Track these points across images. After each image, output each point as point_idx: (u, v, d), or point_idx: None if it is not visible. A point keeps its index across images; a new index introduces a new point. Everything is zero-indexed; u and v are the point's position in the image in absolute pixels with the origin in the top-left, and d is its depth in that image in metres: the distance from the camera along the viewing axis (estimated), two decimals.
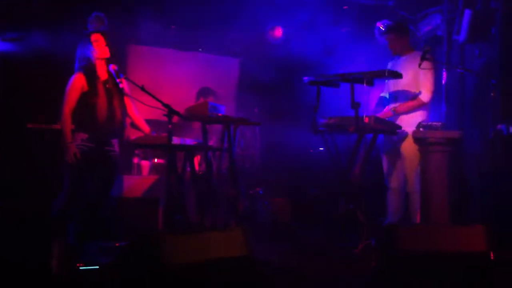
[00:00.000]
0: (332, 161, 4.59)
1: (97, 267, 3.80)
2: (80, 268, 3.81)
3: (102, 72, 4.08)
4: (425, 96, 4.57)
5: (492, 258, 3.10)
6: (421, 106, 4.60)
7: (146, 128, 4.33)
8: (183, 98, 6.09)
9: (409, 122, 4.60)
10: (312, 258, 4.50)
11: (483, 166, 4.80)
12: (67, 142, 3.92)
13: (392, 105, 4.72)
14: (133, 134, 5.54)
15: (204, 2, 5.92)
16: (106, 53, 4.06)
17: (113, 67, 4.03)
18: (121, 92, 4.07)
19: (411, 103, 4.60)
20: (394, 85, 4.74)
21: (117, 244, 4.32)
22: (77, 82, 3.98)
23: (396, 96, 4.74)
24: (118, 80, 4.03)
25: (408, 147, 4.59)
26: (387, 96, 4.89)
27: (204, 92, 6.02)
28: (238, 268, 2.87)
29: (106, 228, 4.36)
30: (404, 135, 4.59)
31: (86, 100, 3.97)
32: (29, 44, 5.49)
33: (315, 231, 5.39)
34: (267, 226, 5.81)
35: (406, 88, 4.66)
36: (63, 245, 3.92)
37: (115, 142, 4.13)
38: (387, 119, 4.63)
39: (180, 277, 2.69)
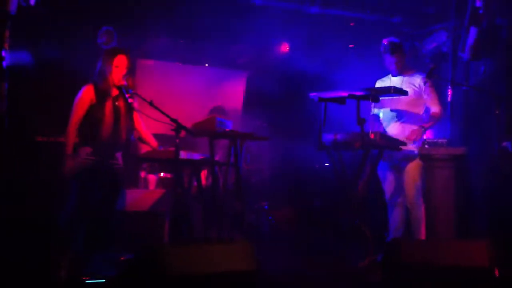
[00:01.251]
0: (337, 177, 4.62)
1: (103, 280, 3.82)
2: (86, 281, 3.83)
3: (113, 89, 4.12)
4: (436, 108, 4.62)
5: (497, 274, 3.12)
6: (439, 119, 4.66)
7: (153, 143, 4.37)
8: (190, 112, 6.14)
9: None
10: (318, 272, 4.50)
11: (488, 182, 4.81)
12: (67, 154, 3.95)
13: (396, 126, 4.73)
14: (141, 149, 5.60)
15: (212, 16, 5.99)
16: (121, 81, 4.05)
17: (121, 82, 4.07)
18: (130, 108, 4.11)
19: (431, 119, 4.64)
20: (395, 103, 4.75)
21: (122, 258, 4.35)
22: (86, 94, 4.01)
23: (400, 114, 4.75)
24: (127, 95, 4.07)
25: (413, 163, 4.61)
26: (381, 113, 4.89)
27: (216, 111, 6.09)
28: (241, 281, 2.89)
29: (112, 241, 4.39)
30: (410, 152, 4.61)
31: (92, 114, 4.00)
32: (39, 56, 5.55)
33: (320, 245, 5.39)
34: (272, 240, 5.82)
35: (408, 108, 4.69)
36: (69, 256, 3.95)
37: (119, 155, 4.16)
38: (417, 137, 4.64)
39: None
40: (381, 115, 4.86)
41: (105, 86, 4.04)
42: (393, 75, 4.82)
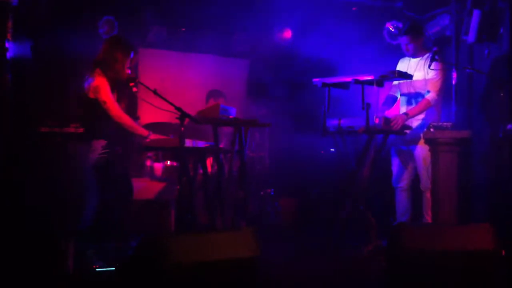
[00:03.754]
0: (341, 162, 4.63)
1: (113, 268, 3.86)
2: (97, 269, 3.86)
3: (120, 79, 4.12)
4: (431, 96, 4.59)
5: (503, 255, 3.13)
6: (428, 106, 4.60)
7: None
8: (192, 100, 6.14)
9: (421, 122, 4.64)
10: (321, 258, 4.51)
11: (492, 165, 4.81)
12: (146, 136, 4.05)
13: (404, 110, 4.73)
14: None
15: (213, 3, 5.97)
16: (127, 71, 4.08)
17: (128, 72, 4.08)
18: (134, 97, 4.13)
19: (419, 106, 4.62)
20: (407, 86, 4.75)
21: (128, 245, 4.38)
22: (106, 85, 3.98)
23: (409, 98, 4.75)
24: (131, 84, 4.09)
25: (421, 147, 4.62)
26: (397, 95, 4.90)
27: (214, 94, 6.09)
28: (245, 268, 2.90)
29: (118, 229, 4.42)
30: (416, 136, 4.61)
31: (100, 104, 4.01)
32: (41, 47, 5.55)
33: (323, 231, 5.42)
34: (277, 227, 5.84)
35: (419, 90, 4.68)
36: (78, 246, 3.98)
37: (122, 144, 4.19)
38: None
39: (188, 277, 2.73)
40: (401, 98, 4.86)
41: (115, 76, 4.04)
42: (412, 57, 4.79)
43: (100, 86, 3.94)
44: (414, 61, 4.79)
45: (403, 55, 4.89)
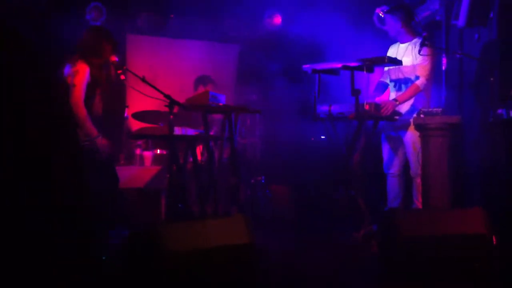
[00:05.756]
0: (332, 149, 4.62)
1: (104, 257, 3.83)
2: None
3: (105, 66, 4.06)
4: (420, 81, 4.58)
5: (494, 242, 3.14)
6: (417, 91, 4.58)
7: None
8: (182, 86, 6.11)
9: (410, 108, 4.63)
10: (313, 245, 4.52)
11: (483, 150, 4.82)
12: (96, 136, 3.89)
13: (393, 96, 4.73)
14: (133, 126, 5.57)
15: None
16: (113, 58, 4.02)
17: (113, 59, 4.02)
18: (122, 85, 4.08)
19: (408, 91, 4.61)
20: (395, 72, 4.74)
21: (119, 233, 4.36)
22: (84, 73, 3.89)
23: (398, 84, 4.74)
24: (118, 72, 4.03)
25: (410, 133, 4.61)
26: (387, 81, 4.89)
27: (202, 80, 6.03)
28: (238, 255, 2.90)
29: (109, 218, 4.39)
30: (406, 121, 4.60)
31: (88, 93, 3.94)
32: (27, 34, 5.46)
33: (316, 218, 5.42)
34: (268, 214, 5.84)
35: (408, 75, 4.67)
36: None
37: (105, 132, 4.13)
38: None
39: (181, 265, 2.73)
40: (390, 84, 4.85)
41: (99, 63, 3.98)
42: (400, 42, 4.77)
43: (79, 71, 3.86)
44: (402, 46, 4.77)
45: (393, 41, 4.86)
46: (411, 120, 4.50)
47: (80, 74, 3.86)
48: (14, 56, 2.82)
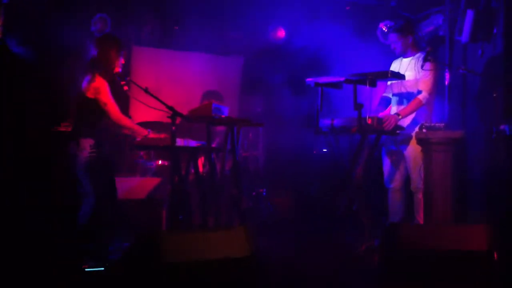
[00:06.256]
0: (335, 162, 4.61)
1: (103, 268, 3.83)
2: (86, 269, 3.83)
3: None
4: (422, 95, 4.57)
5: (496, 258, 3.11)
6: (419, 106, 4.58)
7: None
8: (186, 98, 6.12)
9: (412, 122, 4.62)
10: (315, 257, 4.51)
11: (486, 166, 4.80)
12: (146, 135, 4.12)
13: (395, 110, 4.72)
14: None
15: (206, 1, 5.94)
16: (117, 69, 4.09)
17: (117, 70, 4.05)
18: (125, 95, 4.11)
19: (410, 105, 4.60)
20: (398, 86, 4.74)
21: (120, 245, 4.35)
22: (106, 87, 3.98)
23: (401, 98, 4.74)
24: (122, 83, 4.06)
25: (412, 147, 4.60)
26: (390, 96, 4.89)
27: (209, 96, 6.04)
28: (240, 267, 2.89)
29: (110, 229, 4.39)
30: (408, 136, 4.60)
31: (98, 104, 3.96)
32: (33, 45, 5.49)
33: (318, 231, 5.41)
34: (270, 226, 5.83)
35: (410, 90, 4.67)
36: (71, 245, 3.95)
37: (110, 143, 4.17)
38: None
39: (181, 276, 2.72)
40: (392, 98, 4.85)
41: (109, 75, 4.02)
42: (403, 57, 4.78)
43: (101, 88, 3.94)
44: (405, 61, 4.78)
45: (397, 56, 4.88)
46: (413, 134, 4.49)
47: (103, 91, 3.95)
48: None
